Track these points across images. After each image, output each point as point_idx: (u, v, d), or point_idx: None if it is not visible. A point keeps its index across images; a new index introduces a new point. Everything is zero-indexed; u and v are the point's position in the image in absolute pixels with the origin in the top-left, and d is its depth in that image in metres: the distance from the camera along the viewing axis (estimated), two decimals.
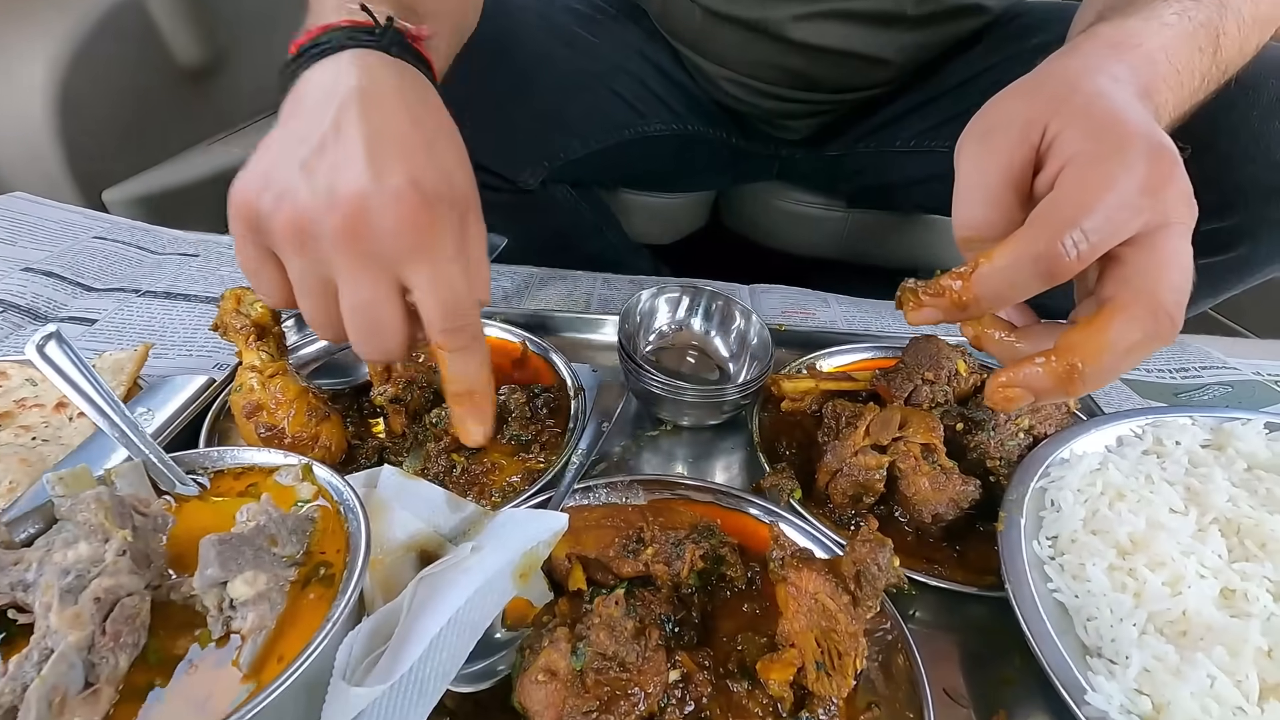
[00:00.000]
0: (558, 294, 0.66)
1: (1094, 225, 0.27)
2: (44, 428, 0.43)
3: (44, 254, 0.63)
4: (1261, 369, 0.64)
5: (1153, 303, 0.27)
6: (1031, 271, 0.28)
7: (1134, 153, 0.28)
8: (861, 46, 0.67)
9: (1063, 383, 0.28)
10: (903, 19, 0.66)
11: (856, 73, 0.70)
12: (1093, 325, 0.28)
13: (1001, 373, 0.30)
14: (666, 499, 0.41)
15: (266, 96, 1.14)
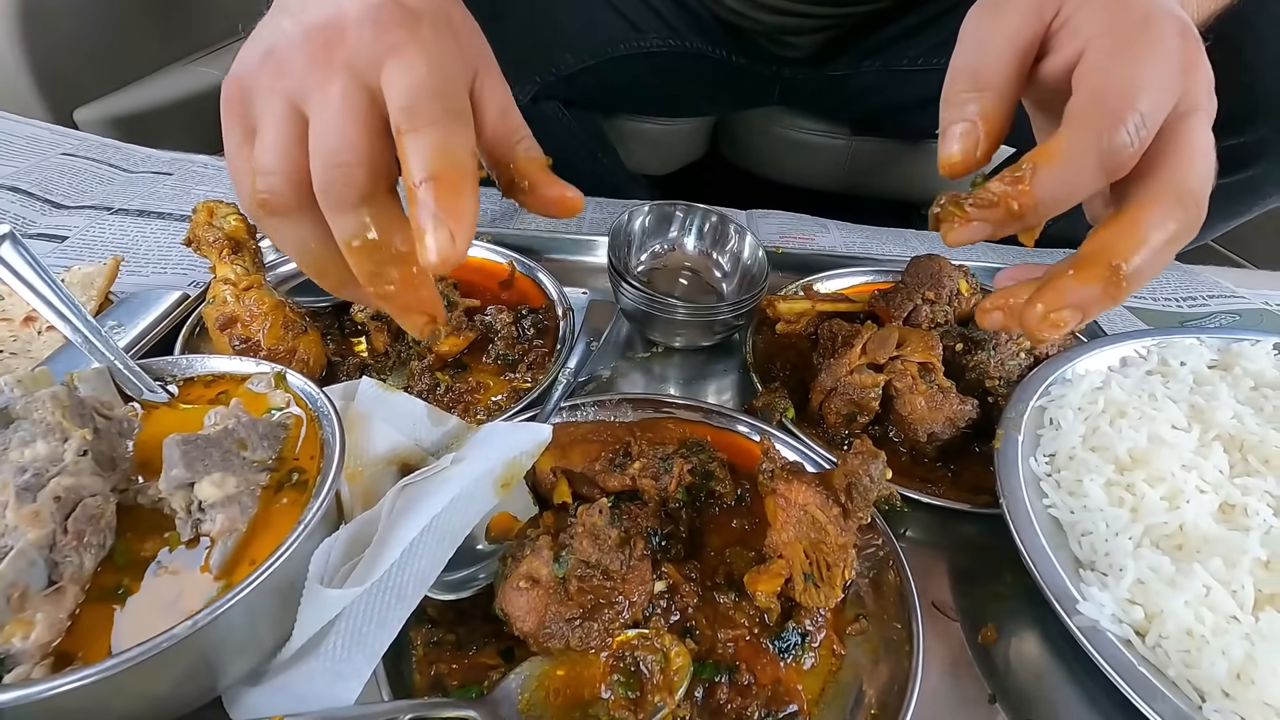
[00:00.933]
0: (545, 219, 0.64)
1: (1148, 108, 0.24)
2: (11, 341, 0.42)
3: (10, 169, 0.61)
4: (1271, 299, 0.63)
5: (1181, 191, 0.25)
6: (1095, 167, 0.25)
7: (1161, 32, 0.26)
8: None
9: (1108, 287, 0.26)
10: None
11: None
12: (1124, 221, 0.26)
13: (1036, 297, 0.27)
14: (655, 417, 0.40)
15: (240, 15, 1.08)
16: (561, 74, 0.63)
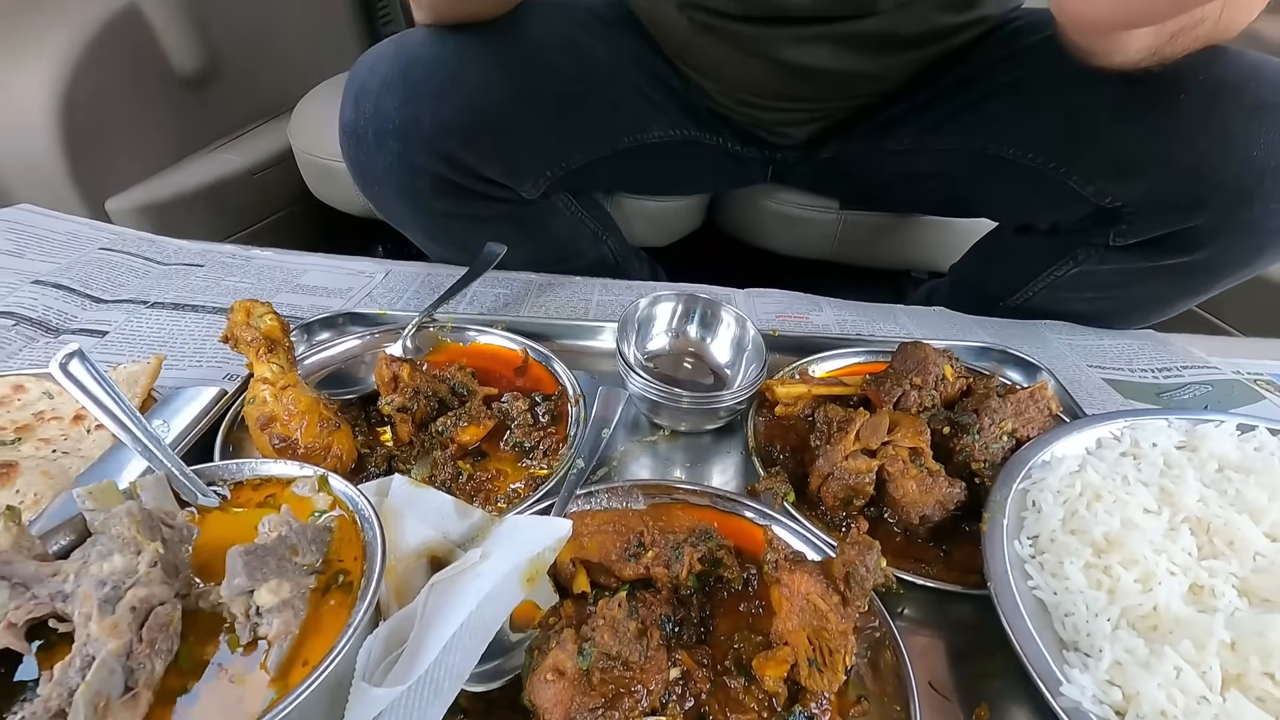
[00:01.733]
0: (557, 301, 0.68)
1: None
2: (63, 440, 0.45)
3: (52, 266, 0.65)
4: (1241, 367, 0.66)
5: None
6: None
7: None
8: (856, 67, 0.68)
9: None
10: (897, 39, 0.67)
11: (852, 87, 0.72)
12: None
13: None
14: (665, 503, 0.43)
15: (262, 102, 1.15)
16: (570, 169, 0.68)
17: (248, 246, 0.73)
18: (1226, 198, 0.53)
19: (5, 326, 0.56)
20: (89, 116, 0.86)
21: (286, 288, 0.67)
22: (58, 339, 0.57)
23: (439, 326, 0.58)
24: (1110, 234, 0.60)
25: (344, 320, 0.59)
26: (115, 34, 0.89)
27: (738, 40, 0.67)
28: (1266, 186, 0.52)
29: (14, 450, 0.43)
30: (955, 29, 0.69)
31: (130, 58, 0.91)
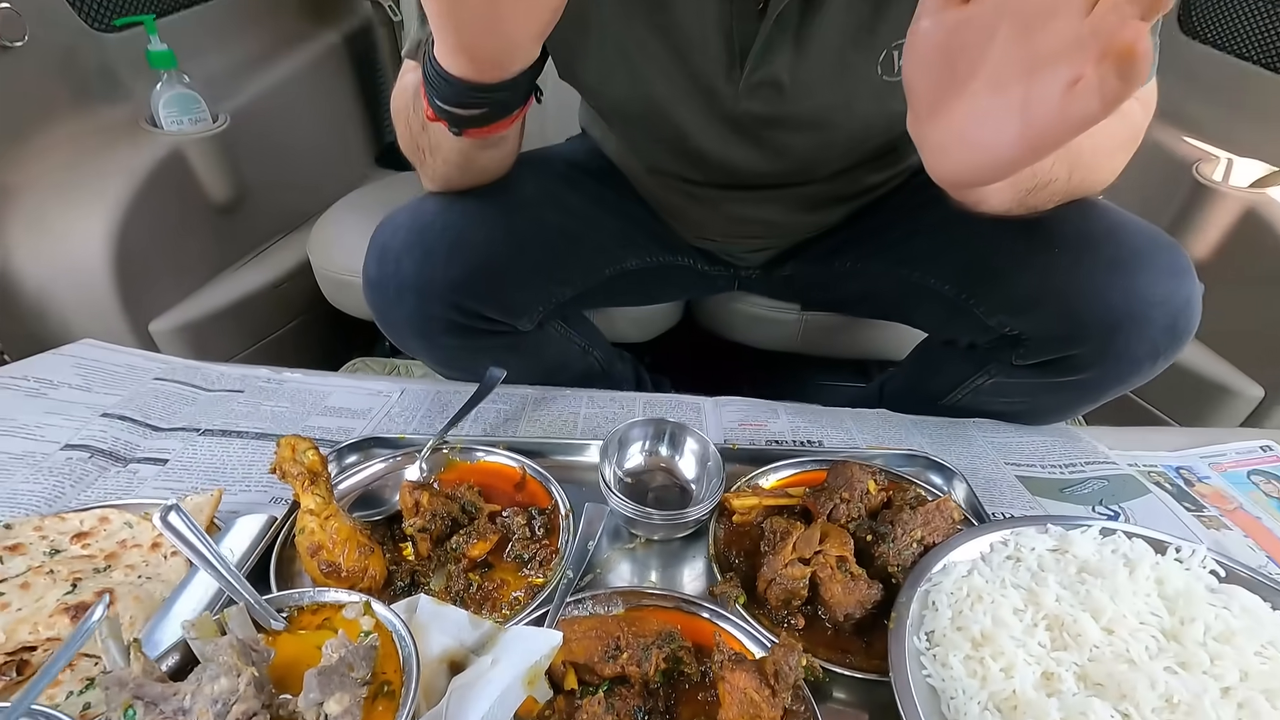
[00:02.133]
0: (550, 415, 0.79)
1: None
2: (145, 566, 0.55)
3: (116, 398, 0.75)
4: (1139, 460, 0.77)
5: None
6: None
7: None
8: (800, 219, 0.82)
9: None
10: (835, 197, 0.81)
11: (798, 233, 0.86)
12: None
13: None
14: (639, 607, 0.53)
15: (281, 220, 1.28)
16: (559, 302, 0.80)
17: (279, 370, 0.84)
18: (1097, 334, 0.65)
19: (82, 459, 0.67)
20: (136, 251, 0.98)
21: (316, 410, 0.77)
22: (126, 467, 0.67)
23: (450, 448, 0.68)
24: (1013, 355, 0.72)
25: (369, 444, 0.69)
26: (160, 176, 1.02)
27: (699, 198, 0.81)
28: (1126, 326, 0.63)
29: (107, 577, 0.53)
30: (883, 182, 0.83)
31: (172, 195, 1.04)
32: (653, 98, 0.68)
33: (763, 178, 0.77)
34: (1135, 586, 0.49)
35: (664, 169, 0.81)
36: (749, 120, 0.69)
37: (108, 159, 0.98)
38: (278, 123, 1.24)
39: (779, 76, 0.65)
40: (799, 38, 0.63)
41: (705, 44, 0.64)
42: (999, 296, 0.70)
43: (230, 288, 1.12)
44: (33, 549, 0.55)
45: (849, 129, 0.70)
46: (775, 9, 0.60)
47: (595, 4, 0.63)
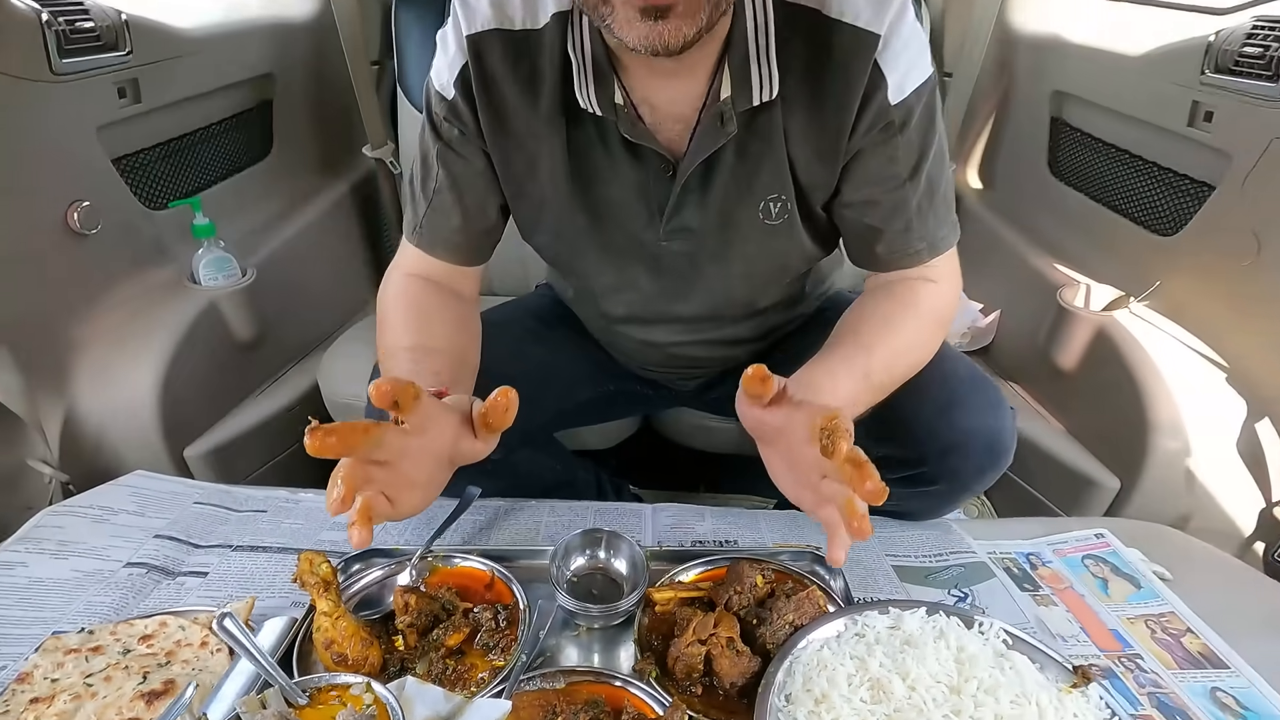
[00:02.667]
0: (516, 524, 0.96)
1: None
2: (196, 660, 0.71)
3: (164, 521, 0.93)
4: (997, 548, 0.95)
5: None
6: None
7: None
8: (721, 354, 1.03)
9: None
10: (749, 339, 1.02)
11: (720, 365, 1.06)
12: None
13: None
14: (574, 682, 0.69)
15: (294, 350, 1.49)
16: (525, 434, 0.99)
17: (295, 491, 1.02)
18: (935, 458, 0.84)
19: (140, 574, 0.84)
20: (175, 390, 1.17)
21: (326, 526, 0.95)
22: (175, 580, 0.84)
23: (434, 556, 0.86)
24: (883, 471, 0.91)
25: (369, 554, 0.86)
26: (198, 326, 1.23)
27: (639, 338, 1.01)
28: (955, 452, 0.83)
29: (169, 670, 0.69)
30: (784, 324, 1.04)
31: (206, 339, 1.25)
32: (595, 251, 0.89)
33: (687, 318, 0.97)
34: (938, 654, 0.66)
35: (610, 312, 1.02)
36: (669, 258, 0.89)
37: (156, 315, 1.20)
38: (294, 269, 1.47)
39: (689, 223, 0.85)
40: (700, 194, 0.82)
41: (631, 206, 0.84)
42: (865, 428, 0.89)
43: (250, 414, 1.31)
44: (109, 649, 0.72)
45: (746, 257, 0.88)
46: (682, 176, 0.80)
47: (545, 189, 0.84)
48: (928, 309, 0.84)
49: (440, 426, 0.64)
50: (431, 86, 0.82)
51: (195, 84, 1.31)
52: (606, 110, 0.76)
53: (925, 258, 0.84)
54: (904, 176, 0.80)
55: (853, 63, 0.73)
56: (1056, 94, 1.49)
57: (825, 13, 0.73)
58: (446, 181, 0.83)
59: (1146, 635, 0.80)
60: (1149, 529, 0.98)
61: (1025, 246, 1.50)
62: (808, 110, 0.76)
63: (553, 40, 0.76)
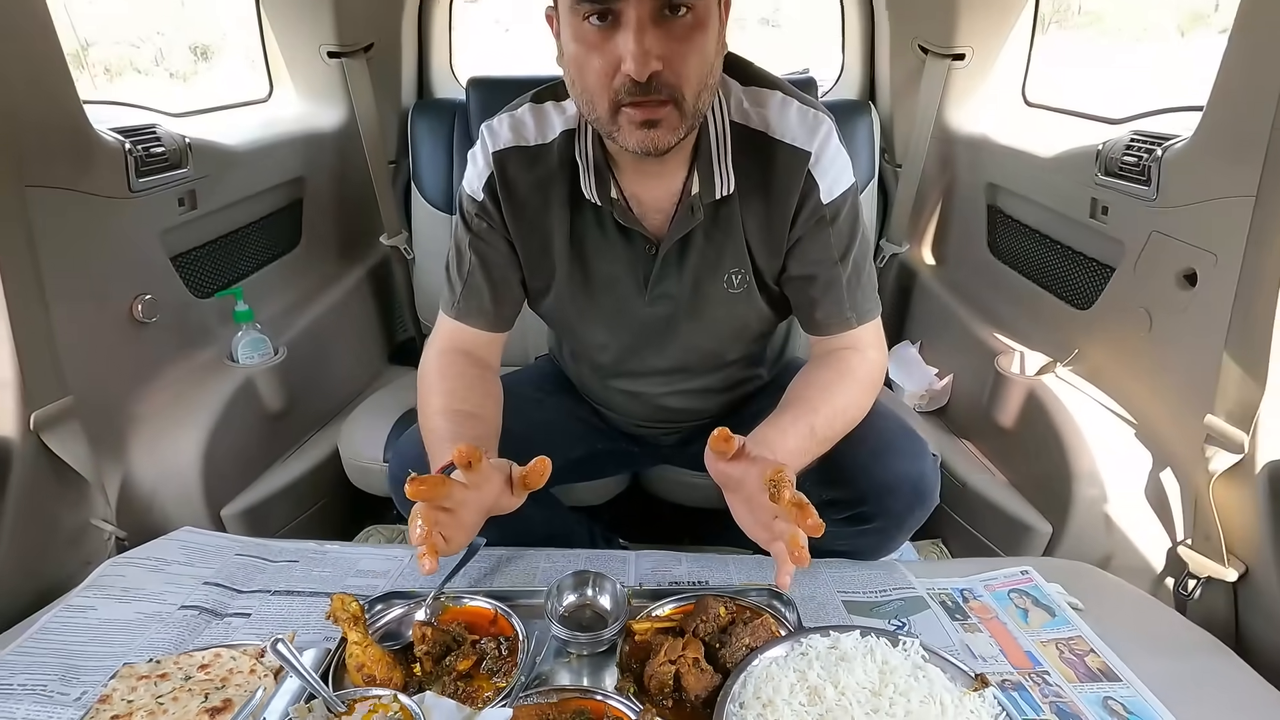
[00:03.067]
0: (517, 569, 1.10)
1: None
2: (246, 684, 0.84)
3: (210, 570, 1.07)
4: (935, 584, 1.08)
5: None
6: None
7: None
8: (694, 406, 1.19)
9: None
10: (719, 390, 1.19)
11: (693, 418, 1.22)
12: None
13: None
14: (565, 698, 0.83)
15: (316, 418, 1.65)
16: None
17: (322, 543, 1.16)
18: (871, 499, 0.99)
19: (193, 615, 0.97)
20: (215, 456, 1.33)
21: (350, 574, 1.09)
22: (222, 620, 0.97)
23: (446, 597, 0.99)
24: (831, 513, 1.06)
25: (390, 597, 1.00)
26: (235, 399, 1.39)
27: (627, 392, 1.17)
28: (886, 492, 0.98)
29: (225, 691, 0.83)
30: (749, 379, 1.21)
31: (242, 412, 1.41)
32: (592, 313, 1.07)
33: (665, 370, 1.14)
34: (865, 666, 0.79)
35: (602, 365, 1.18)
36: (653, 321, 1.07)
37: (200, 391, 1.36)
38: (318, 346, 1.65)
39: (669, 291, 1.04)
40: (677, 268, 1.02)
41: (623, 277, 1.03)
42: (815, 475, 1.05)
43: (278, 477, 1.46)
44: (174, 676, 0.85)
45: (714, 319, 1.06)
46: (662, 253, 0.99)
47: (554, 264, 1.03)
48: (861, 375, 1.01)
49: (491, 484, 0.81)
50: (464, 192, 1.02)
51: (240, 190, 1.52)
52: (605, 201, 0.95)
53: (854, 324, 1.02)
54: (836, 259, 0.98)
55: (791, 172, 0.93)
56: (990, 185, 1.71)
57: (769, 134, 0.94)
58: (478, 264, 1.02)
59: (1055, 655, 0.93)
60: (1071, 566, 1.12)
61: (970, 317, 1.69)
62: (758, 205, 0.96)
63: (561, 150, 0.97)
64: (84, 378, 1.13)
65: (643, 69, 0.75)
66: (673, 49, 0.77)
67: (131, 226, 1.24)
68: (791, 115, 0.93)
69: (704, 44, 0.80)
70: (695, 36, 0.79)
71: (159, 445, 1.27)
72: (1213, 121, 1.06)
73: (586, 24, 0.77)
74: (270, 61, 1.80)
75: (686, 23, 0.77)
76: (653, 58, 0.75)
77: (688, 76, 0.79)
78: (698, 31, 0.79)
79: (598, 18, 0.76)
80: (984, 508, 1.42)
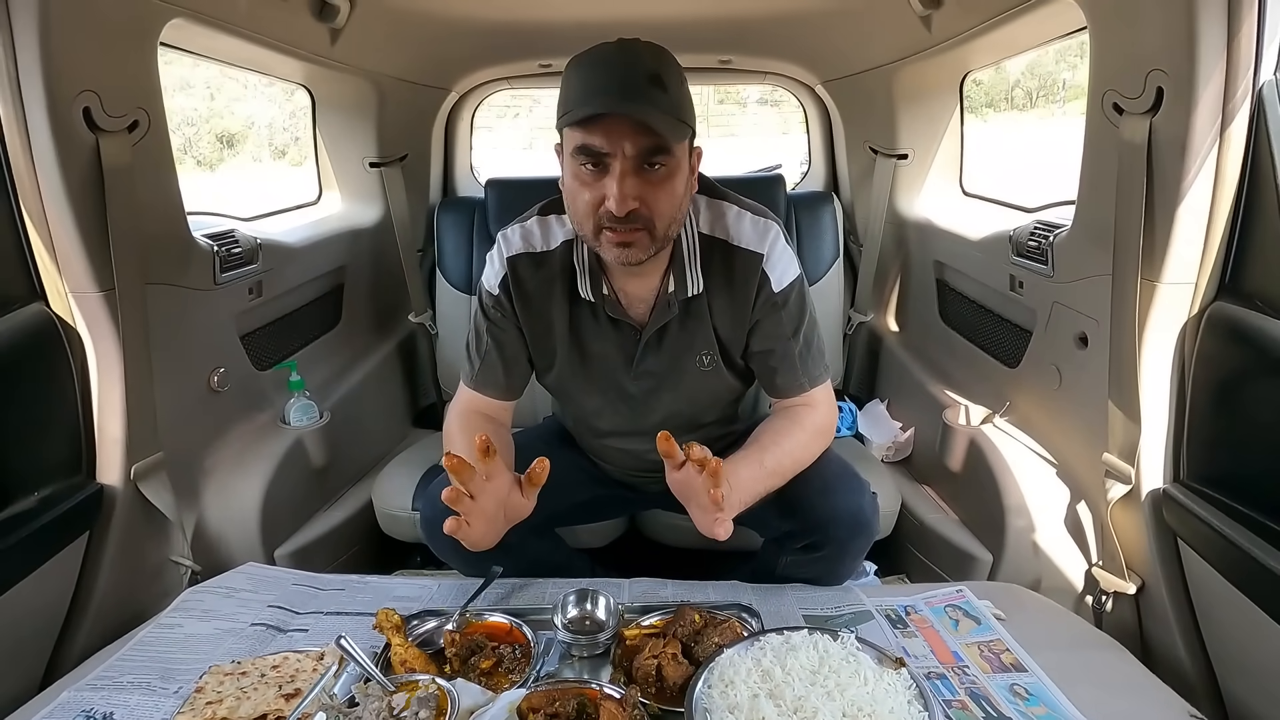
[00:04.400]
0: (529, 594, 1.30)
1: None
2: (310, 679, 1.04)
3: (272, 596, 1.28)
4: (884, 602, 1.28)
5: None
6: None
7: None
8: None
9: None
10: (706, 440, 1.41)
11: None
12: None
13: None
14: (568, 686, 1.02)
15: (352, 472, 1.88)
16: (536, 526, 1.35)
17: (363, 576, 1.37)
18: (817, 530, 1.20)
19: (261, 630, 1.18)
20: (271, 505, 1.55)
21: (387, 599, 1.29)
22: (285, 634, 1.18)
23: (470, 614, 1.20)
24: (791, 543, 1.26)
25: (423, 614, 1.21)
26: (287, 457, 1.62)
27: (618, 447, 1.40)
28: (831, 523, 1.19)
29: (295, 683, 1.02)
30: (724, 436, 1.43)
31: (292, 468, 1.64)
32: (588, 387, 1.30)
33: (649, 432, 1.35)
34: (808, 653, 0.99)
35: (596, 430, 1.41)
36: (639, 393, 1.30)
37: (259, 448, 1.60)
38: (355, 410, 1.90)
39: (651, 369, 1.27)
40: (657, 350, 1.25)
41: (612, 357, 1.26)
42: (777, 510, 1.26)
43: (320, 524, 1.68)
44: (251, 674, 1.05)
45: (689, 390, 1.29)
46: (645, 338, 1.23)
47: (555, 346, 1.26)
48: (808, 424, 1.23)
49: (502, 476, 1.03)
50: (483, 286, 1.28)
51: (295, 279, 1.80)
52: (597, 298, 1.21)
53: (807, 388, 1.25)
54: (788, 335, 1.23)
55: (749, 270, 1.19)
56: (937, 262, 1.98)
57: (730, 242, 1.20)
58: (493, 346, 1.27)
59: (976, 654, 1.12)
60: (1002, 587, 1.31)
61: (926, 376, 1.92)
62: (723, 300, 1.21)
63: (562, 256, 1.23)
64: (171, 436, 1.37)
65: (623, 208, 0.99)
66: (648, 192, 1.01)
67: (213, 313, 1.50)
68: (746, 224, 1.20)
69: (673, 189, 1.06)
70: (667, 183, 1.02)
71: (226, 494, 1.50)
72: (1080, 217, 1.33)
73: (583, 168, 1.04)
74: (321, 171, 2.12)
75: (660, 173, 1.04)
76: (630, 198, 0.99)
77: (660, 213, 1.02)
78: (669, 179, 1.04)
79: (592, 164, 1.03)
80: (938, 542, 1.61)
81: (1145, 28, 1.07)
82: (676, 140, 1.02)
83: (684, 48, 2.12)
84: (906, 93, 1.91)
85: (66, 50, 1.05)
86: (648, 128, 0.98)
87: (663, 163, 1.02)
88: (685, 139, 1.05)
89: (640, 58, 1.02)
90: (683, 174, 1.07)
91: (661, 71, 1.01)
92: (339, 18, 1.50)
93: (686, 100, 1.06)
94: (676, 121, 1.01)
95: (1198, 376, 1.15)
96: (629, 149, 0.99)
